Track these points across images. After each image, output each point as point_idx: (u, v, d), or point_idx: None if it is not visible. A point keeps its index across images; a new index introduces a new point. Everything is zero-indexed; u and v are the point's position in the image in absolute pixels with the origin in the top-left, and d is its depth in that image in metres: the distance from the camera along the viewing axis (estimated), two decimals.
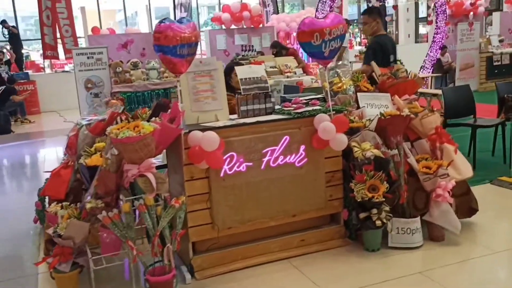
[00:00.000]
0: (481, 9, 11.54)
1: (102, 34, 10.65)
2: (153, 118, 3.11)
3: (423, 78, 10.89)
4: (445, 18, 10.88)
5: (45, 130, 10.50)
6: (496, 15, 12.59)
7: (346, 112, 3.50)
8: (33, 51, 17.92)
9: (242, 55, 9.09)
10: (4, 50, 12.26)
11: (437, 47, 10.95)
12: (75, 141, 3.63)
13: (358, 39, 23.10)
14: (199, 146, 2.92)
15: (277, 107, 3.59)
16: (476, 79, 10.84)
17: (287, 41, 13.98)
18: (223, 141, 3.00)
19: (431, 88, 11.86)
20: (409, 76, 3.99)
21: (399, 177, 3.35)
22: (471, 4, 11.81)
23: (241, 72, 3.42)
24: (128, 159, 2.80)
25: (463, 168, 3.59)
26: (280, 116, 3.35)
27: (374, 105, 3.73)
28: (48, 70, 15.33)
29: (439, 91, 6.56)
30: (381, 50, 4.57)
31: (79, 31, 12.19)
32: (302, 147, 3.29)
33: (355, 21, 24.88)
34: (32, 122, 11.20)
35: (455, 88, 5.92)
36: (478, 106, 5.51)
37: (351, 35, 24.26)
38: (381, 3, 16.25)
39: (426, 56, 10.98)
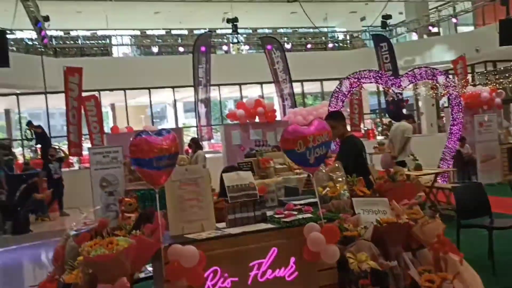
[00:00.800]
0: (498, 100, 11.50)
1: (121, 132, 10.96)
2: (134, 231, 3.00)
3: (444, 172, 10.65)
4: (460, 109, 10.82)
5: (61, 228, 10.48)
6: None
7: (340, 219, 3.33)
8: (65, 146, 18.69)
9: (256, 150, 9.11)
10: (56, 147, 12.71)
11: (455, 138, 10.79)
12: (62, 252, 3.52)
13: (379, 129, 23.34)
14: (178, 261, 2.77)
15: (269, 213, 3.45)
16: (499, 171, 10.52)
17: None
18: (203, 256, 2.84)
19: (453, 181, 11.57)
20: (409, 180, 3.83)
21: None
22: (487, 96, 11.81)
23: (228, 179, 3.34)
24: (101, 279, 2.66)
25: (471, 280, 3.29)
26: (268, 225, 3.20)
27: (371, 211, 3.54)
28: (76, 166, 15.73)
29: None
30: (356, 147, 4.62)
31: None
32: (292, 260, 3.10)
33: (377, 110, 25.25)
34: (51, 220, 11.23)
35: (467, 186, 5.67)
36: (502, 200, 5.23)
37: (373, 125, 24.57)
38: (398, 95, 16.50)
39: (444, 148, 10.79)
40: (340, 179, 3.82)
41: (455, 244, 5.30)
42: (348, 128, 4.95)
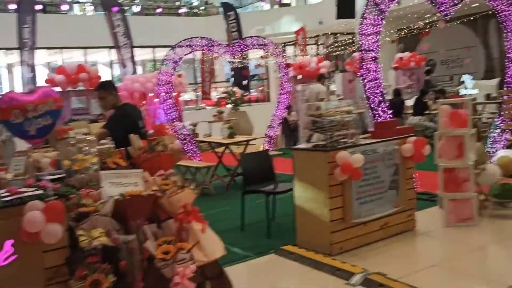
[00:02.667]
0: (323, 70, 12.19)
1: None
2: None
3: (270, 137, 11.15)
4: (288, 79, 11.28)
5: None
6: (338, 76, 13.50)
7: (77, 195, 3.13)
8: None
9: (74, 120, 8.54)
10: None
11: (283, 107, 11.26)
12: None
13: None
14: None
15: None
16: None
17: (143, 102, 13.68)
18: None
19: (281, 147, 12.16)
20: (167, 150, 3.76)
21: (132, 266, 3.00)
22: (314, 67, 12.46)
23: None
24: None
25: (211, 249, 3.34)
26: None
27: (121, 184, 3.40)
28: None
29: None
30: (128, 118, 4.45)
31: None
32: (10, 242, 2.83)
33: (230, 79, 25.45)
34: None
35: (253, 154, 5.90)
36: None
37: None
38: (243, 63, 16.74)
39: (272, 116, 11.22)
40: (95, 150, 3.61)
41: (240, 210, 5.50)
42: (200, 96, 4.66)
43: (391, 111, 6.00)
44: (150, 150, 3.73)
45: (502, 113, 7.19)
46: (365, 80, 5.80)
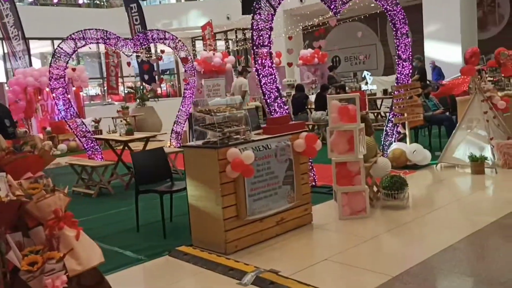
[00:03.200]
0: (229, 66, 12.13)
1: None
2: None
3: (178, 133, 10.88)
4: (193, 73, 11.07)
5: None
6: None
7: None
8: None
9: None
10: None
11: (189, 102, 11.02)
12: None
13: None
14: None
15: None
16: None
17: (39, 97, 12.79)
18: None
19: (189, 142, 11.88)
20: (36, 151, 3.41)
21: None
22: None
23: None
24: None
25: (86, 257, 3.06)
26: None
27: None
28: None
29: None
30: None
31: None
32: None
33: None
34: None
35: (147, 152, 5.66)
36: None
37: None
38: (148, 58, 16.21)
39: (178, 111, 10.95)
40: None
41: (135, 211, 5.24)
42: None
43: (287, 107, 6.01)
44: (15, 151, 3.36)
45: (394, 107, 7.52)
46: (260, 76, 5.75)
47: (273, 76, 5.81)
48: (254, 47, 5.71)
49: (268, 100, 5.84)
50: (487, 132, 6.78)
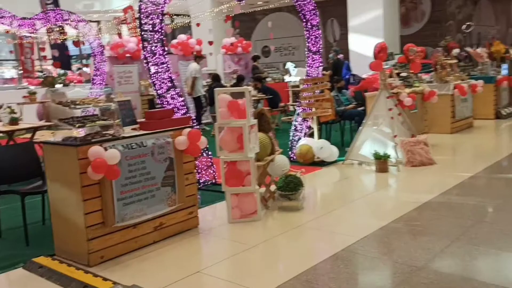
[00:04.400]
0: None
1: None
2: None
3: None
4: (103, 59, 10.34)
5: None
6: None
7: None
8: None
9: None
10: None
11: (98, 88, 10.31)
12: None
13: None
14: None
15: None
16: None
17: None
18: None
19: None
20: None
21: None
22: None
23: None
24: None
25: None
26: None
27: None
28: None
29: None
30: None
31: None
32: None
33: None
34: None
35: (12, 147, 5.01)
36: None
37: None
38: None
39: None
40: None
41: None
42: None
43: (181, 99, 5.54)
44: None
45: (301, 101, 7.26)
46: (149, 64, 5.24)
47: (165, 65, 5.31)
48: (142, 33, 5.18)
49: (159, 92, 5.34)
50: (392, 130, 6.67)
